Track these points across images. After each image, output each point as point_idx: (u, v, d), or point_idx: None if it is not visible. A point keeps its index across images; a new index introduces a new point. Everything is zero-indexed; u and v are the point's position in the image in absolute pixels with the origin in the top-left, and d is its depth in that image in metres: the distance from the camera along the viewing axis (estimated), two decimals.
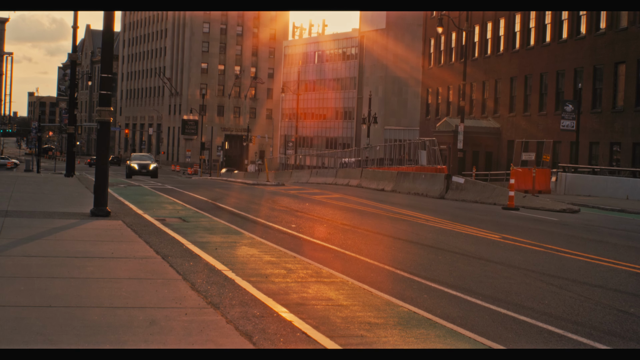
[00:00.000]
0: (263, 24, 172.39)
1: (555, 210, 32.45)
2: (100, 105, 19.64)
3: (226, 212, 24.55)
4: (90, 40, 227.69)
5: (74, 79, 45.65)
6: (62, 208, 21.28)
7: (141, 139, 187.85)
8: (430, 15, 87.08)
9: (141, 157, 69.16)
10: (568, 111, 54.15)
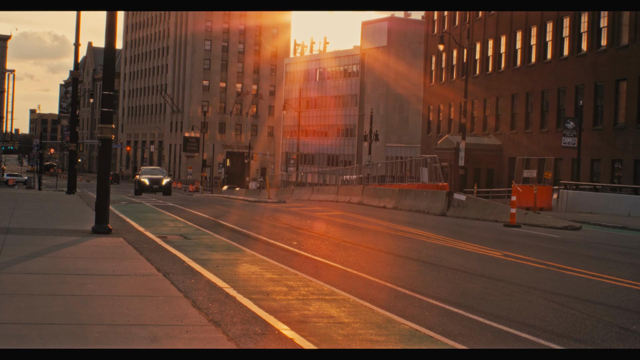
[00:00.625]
0: (264, 42, 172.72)
1: (557, 227, 32.41)
2: (101, 123, 19.66)
3: (227, 230, 24.53)
4: (92, 57, 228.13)
5: (76, 96, 45.69)
6: (64, 225, 21.27)
7: (142, 156, 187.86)
8: (431, 32, 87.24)
9: (152, 171, 61.90)
10: (569, 128, 54.15)
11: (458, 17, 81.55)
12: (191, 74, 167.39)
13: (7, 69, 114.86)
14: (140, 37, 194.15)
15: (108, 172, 19.54)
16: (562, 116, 60.97)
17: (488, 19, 75.21)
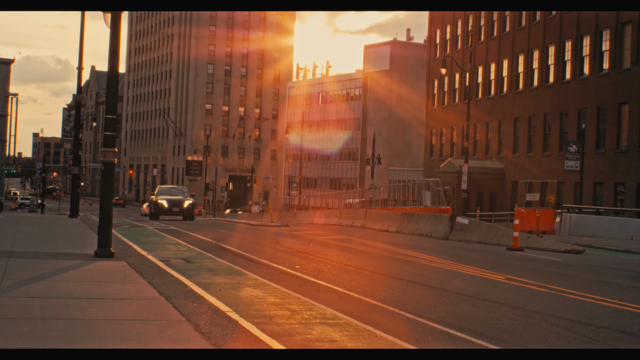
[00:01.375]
0: (267, 65, 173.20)
1: (559, 250, 32.36)
2: (104, 146, 19.67)
3: (230, 253, 24.51)
4: (95, 81, 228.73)
5: (79, 120, 45.76)
6: (66, 249, 21.26)
7: (145, 180, 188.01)
8: (433, 56, 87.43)
9: (171, 191, 53.39)
10: (572, 151, 54.18)
11: (460, 41, 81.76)
12: (194, 98, 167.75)
13: (11, 92, 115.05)
14: (143, 60, 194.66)
15: (111, 196, 19.53)
16: (565, 139, 61.00)
17: (490, 42, 75.40)
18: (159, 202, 50.45)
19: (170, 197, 51.01)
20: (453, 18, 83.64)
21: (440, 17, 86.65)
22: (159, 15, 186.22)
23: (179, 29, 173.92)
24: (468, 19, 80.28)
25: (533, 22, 68.60)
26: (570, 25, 63.03)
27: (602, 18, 58.98)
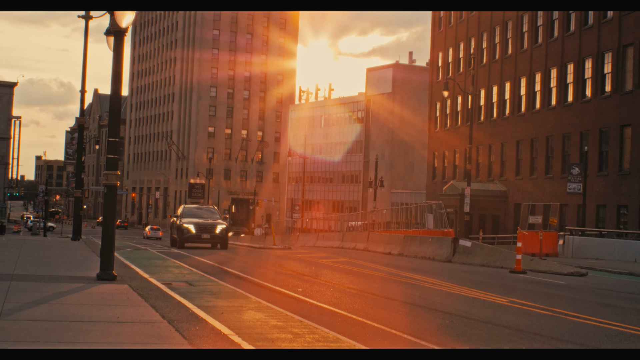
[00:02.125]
0: (270, 88, 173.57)
1: (562, 273, 32.30)
2: (107, 169, 19.68)
3: (232, 276, 24.48)
4: (98, 104, 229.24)
5: (82, 142, 45.83)
6: (68, 272, 21.24)
7: (148, 203, 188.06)
8: (436, 79, 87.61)
9: (198, 212, 43.95)
10: (574, 174, 54.17)
11: (462, 64, 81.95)
12: (196, 121, 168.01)
13: (14, 115, 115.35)
14: (145, 84, 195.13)
15: (113, 219, 19.53)
16: (567, 162, 61.01)
17: (492, 65, 75.55)
18: (184, 227, 41.27)
19: (199, 221, 41.91)
20: (455, 41, 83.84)
21: (443, 40, 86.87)
22: (161, 38, 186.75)
23: (181, 53, 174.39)
24: (470, 42, 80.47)
25: (535, 45, 68.75)
26: (572, 47, 63.17)
27: (603, 41, 59.12)
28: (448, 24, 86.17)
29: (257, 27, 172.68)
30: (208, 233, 41.65)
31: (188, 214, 42.94)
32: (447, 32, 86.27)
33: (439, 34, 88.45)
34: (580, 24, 62.45)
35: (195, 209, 44.80)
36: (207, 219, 42.52)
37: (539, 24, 68.66)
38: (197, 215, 42.87)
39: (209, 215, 43.38)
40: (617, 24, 57.67)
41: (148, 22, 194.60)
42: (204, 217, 42.71)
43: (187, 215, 42.80)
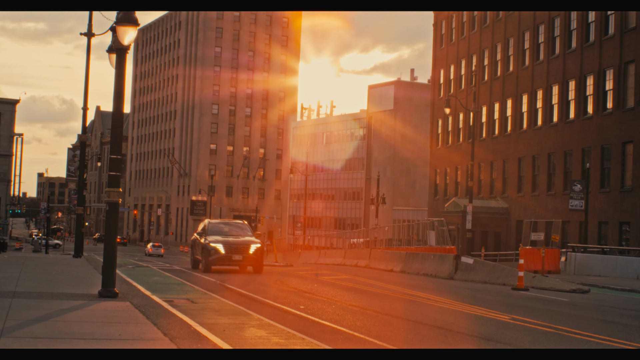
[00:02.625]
0: (271, 105, 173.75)
1: (565, 290, 32.24)
2: (109, 187, 19.69)
3: (234, 293, 24.44)
4: (100, 121, 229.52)
5: (84, 160, 45.85)
6: (70, 289, 21.22)
7: (150, 220, 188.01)
8: (437, 96, 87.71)
9: (227, 229, 36.97)
10: (576, 191, 54.15)
11: (464, 81, 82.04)
12: (198, 138, 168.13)
13: (16, 132, 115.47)
14: (147, 101, 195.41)
15: (115, 236, 19.53)
16: (569, 179, 60.99)
17: (494, 82, 75.64)
18: (211, 246, 34.48)
19: (228, 239, 35.23)
20: (456, 58, 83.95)
21: (444, 57, 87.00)
22: (163, 56, 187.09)
23: (183, 70, 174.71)
24: (472, 59, 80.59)
25: (537, 62, 68.85)
26: (573, 64, 63.24)
27: (605, 58, 59.20)
28: (449, 41, 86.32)
29: (258, 44, 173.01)
30: (240, 254, 34.64)
31: (214, 231, 36.02)
32: (448, 50, 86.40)
33: (440, 51, 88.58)
34: (581, 41, 62.55)
35: (223, 224, 38.05)
36: (237, 236, 35.89)
37: (540, 41, 68.76)
38: (224, 233, 36.21)
39: (239, 231, 36.71)
40: (619, 41, 57.76)
41: (150, 39, 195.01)
42: (233, 234, 36.07)
43: (213, 232, 35.90)
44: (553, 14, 66.64)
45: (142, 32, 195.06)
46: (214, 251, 34.48)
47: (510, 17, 73.79)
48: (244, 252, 34.77)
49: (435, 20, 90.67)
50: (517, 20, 72.46)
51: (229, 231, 36.51)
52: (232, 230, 36.78)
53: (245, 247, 34.83)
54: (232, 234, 36.12)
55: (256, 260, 35.07)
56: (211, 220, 37.85)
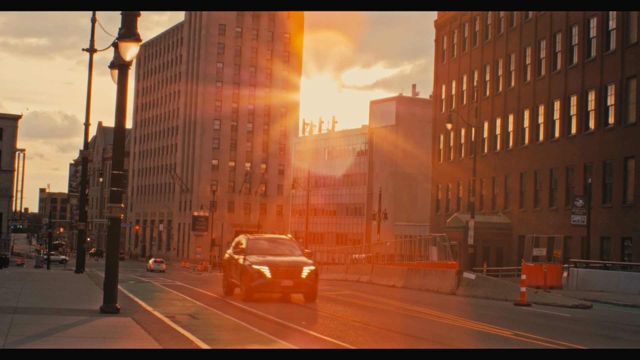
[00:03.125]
0: (273, 121, 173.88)
1: (567, 306, 32.18)
2: (111, 202, 19.69)
3: (236, 309, 24.41)
4: (101, 137, 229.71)
5: (85, 175, 45.85)
6: (72, 305, 21.19)
7: (151, 235, 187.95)
8: (439, 111, 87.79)
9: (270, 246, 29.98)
10: (578, 206, 54.12)
11: (466, 96, 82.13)
12: (200, 154, 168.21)
13: (18, 148, 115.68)
14: (149, 116, 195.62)
15: (117, 251, 19.53)
16: (571, 194, 60.97)
17: (496, 97, 75.72)
18: (254, 269, 27.47)
19: (274, 259, 28.19)
20: (458, 73, 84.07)
21: (446, 73, 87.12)
22: (165, 71, 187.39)
23: (185, 86, 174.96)
24: (473, 75, 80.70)
25: (538, 78, 68.93)
26: (575, 80, 63.31)
27: (606, 73, 59.26)
28: (451, 57, 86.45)
29: (260, 60, 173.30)
30: (290, 278, 27.68)
31: (255, 249, 29.18)
32: (450, 65, 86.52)
33: (442, 67, 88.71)
34: (583, 57, 62.64)
35: (265, 241, 30.73)
36: (283, 254, 29.21)
37: (541, 57, 68.86)
38: (268, 251, 29.28)
39: (285, 249, 29.97)
40: (620, 57, 57.83)
41: (152, 55, 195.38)
42: (279, 253, 29.27)
43: (255, 250, 29.06)
44: (554, 30, 66.75)
45: (144, 48, 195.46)
46: (257, 275, 27.34)
47: (511, 32, 73.92)
48: (295, 276, 27.80)
49: (436, 35, 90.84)
50: (518, 35, 72.60)
51: (274, 249, 29.76)
52: (276, 247, 30.04)
53: (296, 270, 27.84)
54: (277, 252, 29.43)
55: (310, 287, 28.11)
56: (250, 236, 30.89)
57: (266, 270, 27.34)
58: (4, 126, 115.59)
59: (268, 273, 27.30)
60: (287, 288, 27.86)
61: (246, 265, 27.74)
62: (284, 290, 28.04)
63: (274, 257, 28.30)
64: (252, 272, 27.39)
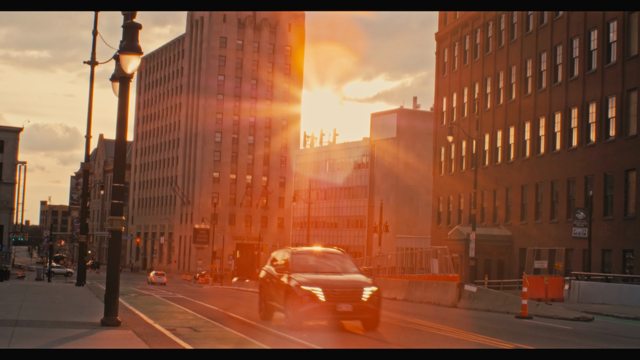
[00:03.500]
0: (274, 134, 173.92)
1: (568, 318, 32.14)
2: (112, 215, 19.69)
3: (237, 322, 24.37)
4: (103, 149, 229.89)
5: (86, 188, 45.86)
6: (73, 317, 21.17)
7: (152, 248, 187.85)
8: (440, 124, 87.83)
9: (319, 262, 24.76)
10: (579, 219, 54.08)
11: (467, 109, 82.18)
12: (201, 166, 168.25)
13: (19, 160, 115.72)
14: (151, 129, 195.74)
15: (118, 264, 19.53)
16: (572, 206, 60.94)
17: (497, 110, 75.76)
18: (304, 290, 22.43)
19: (327, 277, 23.27)
20: (459, 86, 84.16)
21: (447, 85, 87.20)
22: (166, 84, 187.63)
23: (186, 99, 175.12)
24: (474, 87, 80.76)
25: (539, 90, 68.97)
26: (576, 92, 63.34)
27: (607, 85, 59.30)
28: (452, 69, 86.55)
29: (261, 72, 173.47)
30: (348, 302, 22.54)
31: (301, 265, 24.09)
32: (451, 78, 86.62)
33: (442, 79, 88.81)
34: (584, 69, 62.68)
35: (312, 255, 25.38)
36: (336, 273, 23.95)
37: (542, 69, 68.92)
38: (316, 267, 24.14)
39: (337, 265, 24.70)
40: (621, 69, 57.88)
41: (153, 68, 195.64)
42: (330, 270, 24.09)
43: (300, 266, 24.02)
44: (555, 42, 66.84)
45: (145, 61, 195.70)
46: (308, 298, 22.26)
47: (512, 45, 74.01)
48: (355, 299, 22.73)
49: (437, 48, 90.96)
50: (519, 48, 72.68)
51: (323, 265, 24.50)
52: (326, 263, 24.73)
53: (355, 292, 22.84)
54: (328, 269, 24.22)
55: (372, 312, 23.17)
56: (295, 249, 25.68)
57: (319, 292, 22.31)
58: (5, 139, 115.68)
59: (321, 296, 22.27)
60: (345, 314, 22.77)
61: (293, 286, 22.66)
62: (342, 316, 22.88)
63: (326, 276, 23.36)
64: (301, 294, 22.33)
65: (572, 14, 64.48)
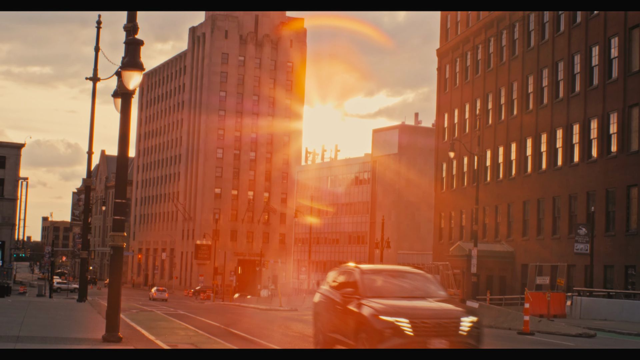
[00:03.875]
0: (276, 150, 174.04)
1: (571, 334, 32.07)
2: (113, 231, 19.69)
3: (238, 338, 24.32)
4: (104, 165, 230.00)
5: (88, 204, 45.87)
6: (74, 333, 21.13)
7: (154, 264, 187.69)
8: (441, 140, 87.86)
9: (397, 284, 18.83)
10: (581, 234, 54.03)
11: (468, 125, 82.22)
12: (203, 182, 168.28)
13: (21, 176, 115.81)
14: (152, 145, 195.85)
15: (119, 280, 19.51)
16: (574, 222, 60.87)
17: (498, 126, 75.78)
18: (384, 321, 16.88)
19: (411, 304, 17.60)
20: (460, 102, 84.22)
21: (448, 101, 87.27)
22: (168, 100, 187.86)
23: (188, 115, 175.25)
24: (476, 103, 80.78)
25: (541, 106, 68.99)
26: (577, 108, 63.35)
27: (609, 101, 59.30)
28: (454, 85, 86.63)
29: (263, 89, 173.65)
30: (444, 336, 17.03)
31: (374, 288, 18.65)
32: (452, 94, 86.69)
33: (444, 95, 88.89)
34: (585, 85, 62.69)
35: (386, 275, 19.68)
36: (420, 298, 18.35)
37: (544, 85, 68.95)
38: (394, 291, 18.71)
39: (420, 288, 19.03)
40: (622, 85, 57.89)
41: (155, 84, 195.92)
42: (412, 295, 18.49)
43: (373, 289, 18.57)
44: (556, 58, 66.91)
45: (147, 77, 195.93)
46: (390, 331, 16.83)
47: (513, 61, 74.09)
48: (450, 332, 17.22)
49: (439, 64, 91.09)
50: (520, 64, 72.75)
51: (400, 289, 18.89)
52: (406, 285, 19.09)
53: (451, 323, 17.25)
54: (408, 293, 18.59)
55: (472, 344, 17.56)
56: (364, 267, 19.64)
57: (405, 324, 16.82)
58: (7, 155, 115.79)
59: (408, 329, 16.79)
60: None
61: (367, 315, 17.31)
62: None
63: (409, 302, 17.80)
64: (380, 327, 16.89)
65: (573, 29, 64.60)
